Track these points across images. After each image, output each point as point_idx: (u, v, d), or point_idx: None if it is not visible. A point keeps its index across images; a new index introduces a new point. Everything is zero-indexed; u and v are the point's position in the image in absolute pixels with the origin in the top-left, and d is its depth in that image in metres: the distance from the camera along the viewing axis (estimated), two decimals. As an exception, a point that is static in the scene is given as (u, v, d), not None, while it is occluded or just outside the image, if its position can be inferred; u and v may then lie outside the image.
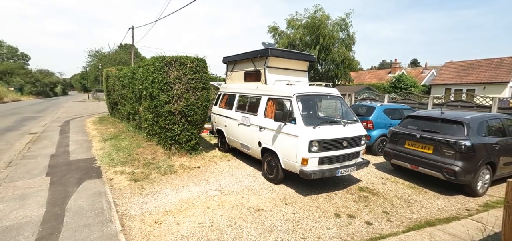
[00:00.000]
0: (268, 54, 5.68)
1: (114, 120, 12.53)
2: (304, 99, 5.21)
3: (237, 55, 6.89)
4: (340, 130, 4.81)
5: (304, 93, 5.07)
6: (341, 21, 19.91)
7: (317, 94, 5.42)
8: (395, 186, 5.30)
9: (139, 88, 7.46)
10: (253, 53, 6.16)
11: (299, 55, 6.25)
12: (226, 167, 6.02)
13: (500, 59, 22.84)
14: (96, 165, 5.65)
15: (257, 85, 6.05)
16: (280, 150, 4.91)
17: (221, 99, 7.56)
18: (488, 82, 21.54)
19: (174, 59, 6.08)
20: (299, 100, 4.89)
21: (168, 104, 6.05)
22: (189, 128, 6.39)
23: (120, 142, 7.65)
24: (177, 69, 6.09)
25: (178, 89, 6.10)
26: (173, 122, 6.19)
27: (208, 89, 6.66)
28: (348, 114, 5.59)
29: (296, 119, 4.64)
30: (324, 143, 4.49)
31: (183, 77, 6.13)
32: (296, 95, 4.91)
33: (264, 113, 5.53)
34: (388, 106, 8.33)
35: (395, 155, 5.82)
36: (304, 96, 5.08)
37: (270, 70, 5.91)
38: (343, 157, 4.79)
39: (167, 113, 6.08)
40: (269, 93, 5.56)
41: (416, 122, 5.77)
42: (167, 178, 5.12)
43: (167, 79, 6.00)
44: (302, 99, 5.05)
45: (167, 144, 6.41)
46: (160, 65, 5.99)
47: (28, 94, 41.61)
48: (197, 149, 6.76)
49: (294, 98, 4.87)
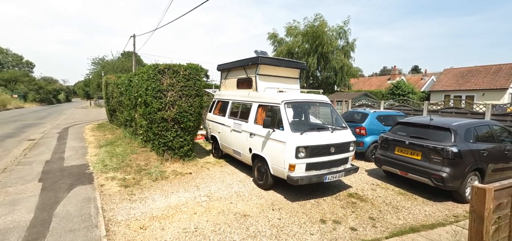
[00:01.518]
0: (259, 62, 5.80)
1: (112, 126, 12.67)
2: (293, 105, 5.29)
3: (230, 63, 7.02)
4: (328, 136, 4.87)
5: (292, 100, 5.15)
6: (340, 29, 20.13)
7: (306, 101, 5.50)
8: (384, 192, 5.31)
9: (135, 95, 7.59)
10: (245, 61, 6.28)
11: (290, 63, 6.36)
12: (218, 173, 6.07)
13: (499, 65, 22.86)
14: (88, 171, 5.74)
15: (249, 92, 6.15)
16: (269, 156, 4.97)
17: (215, 106, 7.67)
18: (487, 88, 21.52)
19: (167, 67, 6.21)
20: (287, 107, 4.97)
21: (161, 110, 6.16)
22: (182, 134, 6.48)
23: (115, 148, 7.74)
24: (170, 76, 6.21)
25: (171, 96, 6.21)
26: (166, 129, 6.28)
27: (201, 96, 6.77)
28: (337, 121, 5.65)
29: (284, 126, 4.71)
30: (311, 149, 4.54)
31: (176, 84, 6.25)
32: (284, 102, 4.99)
33: (254, 119, 5.61)
34: (381, 112, 8.38)
35: (386, 161, 5.84)
36: (292, 102, 5.16)
37: (261, 78, 6.02)
38: (330, 163, 4.83)
39: (160, 119, 6.18)
40: (260, 100, 5.65)
41: (406, 128, 5.81)
42: (158, 184, 5.18)
43: (160, 86, 6.12)
44: (291, 105, 5.13)
45: (160, 151, 6.50)
46: (154, 73, 6.12)
47: (32, 101, 42.14)
48: (190, 155, 6.83)
49: (282, 105, 4.95)
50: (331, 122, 5.83)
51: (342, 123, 5.49)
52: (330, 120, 6.11)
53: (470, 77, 23.80)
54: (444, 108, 9.80)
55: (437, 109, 10.07)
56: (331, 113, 5.80)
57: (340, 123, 5.49)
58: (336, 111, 5.78)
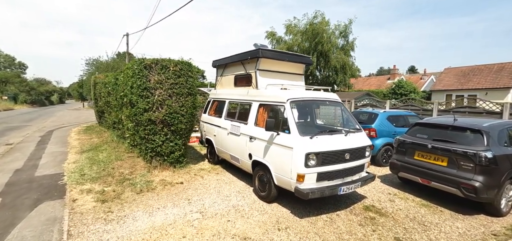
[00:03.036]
0: (260, 55, 5.08)
1: (101, 129, 11.84)
2: (300, 105, 4.58)
3: (227, 58, 6.29)
4: (342, 140, 4.16)
5: (299, 98, 4.44)
6: (342, 27, 19.52)
7: (315, 99, 4.78)
8: (405, 204, 4.62)
9: (121, 94, 6.82)
10: (243, 54, 5.55)
11: (294, 57, 5.65)
12: (213, 183, 5.33)
13: (501, 64, 22.44)
14: (62, 182, 4.95)
15: (248, 90, 5.42)
16: (272, 163, 4.24)
17: (211, 106, 6.93)
18: (490, 87, 21.07)
19: (155, 62, 5.46)
20: (293, 106, 4.25)
21: (148, 111, 5.40)
22: (172, 138, 5.73)
23: (98, 154, 6.95)
24: (159, 73, 5.46)
25: (159, 95, 5.46)
26: (153, 132, 5.52)
27: (194, 95, 6.03)
28: (349, 122, 4.95)
29: (290, 128, 3.99)
30: (323, 156, 3.83)
31: (165, 81, 5.50)
32: (290, 101, 4.28)
33: (255, 121, 4.88)
34: (392, 112, 7.70)
35: (403, 167, 5.15)
36: (299, 101, 4.44)
37: (261, 73, 5.30)
38: (345, 171, 4.12)
39: (146, 121, 5.42)
40: (261, 98, 4.93)
41: (426, 130, 5.13)
42: (142, 197, 4.42)
43: (146, 84, 5.36)
44: (298, 105, 4.41)
45: (148, 157, 5.73)
46: (139, 69, 5.37)
47: (22, 103, 40.90)
48: (182, 162, 6.07)
49: (288, 103, 4.23)
50: (342, 124, 5.13)
51: (355, 124, 4.79)
52: (340, 121, 5.41)
53: (471, 76, 23.35)
54: (456, 107, 9.17)
55: (448, 108, 9.44)
56: (342, 113, 5.10)
57: (354, 124, 4.78)
58: (347, 111, 5.08)
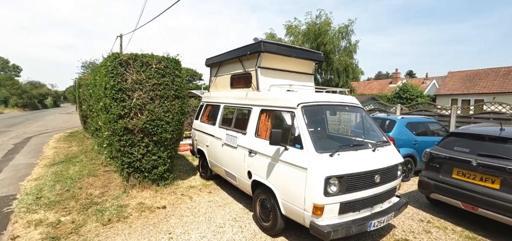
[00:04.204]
0: (261, 49, 4.12)
1: (85, 135, 10.80)
2: (314, 111, 3.61)
3: (222, 55, 5.32)
4: (370, 157, 3.18)
5: (313, 102, 3.46)
6: (343, 29, 18.65)
7: (332, 104, 3.79)
8: (445, 237, 3.64)
9: (97, 97, 5.81)
10: (242, 50, 4.59)
11: (303, 53, 4.70)
12: (204, 206, 4.32)
13: (508, 68, 21.74)
14: (9, 209, 3.91)
15: (247, 92, 4.45)
16: (278, 187, 3.26)
17: (203, 111, 5.94)
18: (498, 92, 20.29)
19: (132, 57, 4.47)
20: (306, 113, 3.28)
21: (124, 118, 4.39)
22: (155, 150, 4.72)
23: (70, 167, 5.91)
24: (138, 71, 4.47)
25: (138, 98, 4.46)
26: (131, 144, 4.51)
27: (182, 97, 5.04)
28: (373, 132, 3.99)
29: (304, 142, 3.01)
30: (349, 180, 2.85)
31: (146, 81, 4.51)
32: (302, 106, 3.30)
33: (255, 130, 3.90)
34: (412, 119, 6.76)
35: (438, 187, 4.19)
36: (313, 107, 3.46)
37: (263, 72, 4.33)
38: (374, 199, 3.14)
39: (122, 130, 4.41)
40: (263, 102, 3.95)
41: (466, 142, 4.17)
42: (109, 231, 3.39)
43: (122, 84, 4.36)
44: (311, 111, 3.44)
45: (124, 173, 4.70)
46: (112, 66, 4.37)
47: (13, 106, 39.60)
48: (168, 178, 5.05)
49: (299, 109, 3.26)
50: (363, 134, 4.16)
51: (382, 135, 3.82)
52: (360, 130, 4.45)
53: (477, 80, 22.61)
54: (477, 113, 8.24)
55: (468, 114, 8.52)
56: (364, 121, 4.13)
57: (379, 135, 3.81)
58: (369, 118, 4.11)
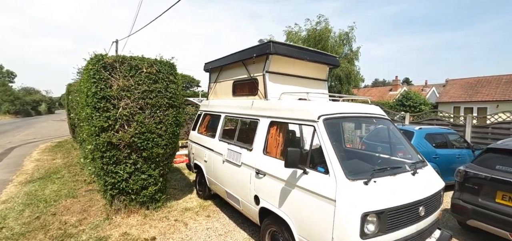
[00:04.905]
0: (270, 51, 3.51)
1: (73, 146, 10.05)
2: (338, 124, 2.99)
3: (223, 58, 4.71)
4: (411, 184, 2.55)
5: (336, 114, 2.83)
6: (344, 35, 18.28)
7: (357, 115, 3.16)
8: (495, 277, 2.99)
9: (81, 105, 5.13)
10: (247, 52, 3.99)
11: (317, 55, 4.10)
12: (201, 236, 3.63)
13: (510, 76, 21.50)
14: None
15: (253, 100, 3.82)
16: (295, 220, 2.60)
17: (201, 121, 5.30)
18: (501, 99, 19.95)
19: (119, 60, 3.83)
20: (329, 127, 2.64)
21: (107, 131, 3.72)
22: (144, 168, 4.04)
23: (47, 185, 5.18)
24: (125, 75, 3.83)
25: (125, 107, 3.81)
26: (116, 161, 3.83)
27: (177, 107, 4.40)
28: (403, 147, 3.37)
29: (329, 164, 2.37)
30: (391, 216, 2.21)
31: (135, 88, 3.87)
32: (324, 118, 2.67)
33: (264, 147, 3.26)
34: (431, 129, 6.16)
35: (477, 213, 3.56)
36: (337, 119, 2.83)
37: (272, 78, 3.72)
38: (419, 237, 2.49)
39: (104, 146, 3.73)
40: (273, 113, 3.32)
41: (509, 159, 3.57)
42: (81, 275, 2.70)
43: (106, 91, 3.71)
44: (335, 124, 2.81)
45: (107, 196, 4.00)
46: (95, 69, 3.71)
47: (5, 113, 38.55)
48: (159, 200, 4.36)
49: (321, 123, 2.63)
50: (389, 149, 3.54)
51: (415, 153, 3.19)
52: (378, 143, 3.83)
53: (479, 87, 22.32)
54: (495, 123, 7.69)
55: (484, 124, 7.97)
56: (390, 135, 3.51)
57: (413, 153, 3.19)
58: (397, 131, 3.49)
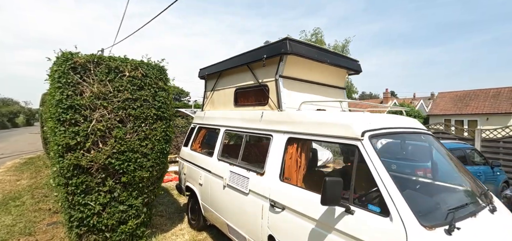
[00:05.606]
0: (287, 50, 2.82)
1: (45, 163, 8.87)
2: (388, 143, 2.28)
3: (223, 62, 3.99)
4: (495, 226, 1.87)
5: (384, 129, 2.13)
6: (340, 48, 18.20)
7: (405, 130, 2.47)
8: None
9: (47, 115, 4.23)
10: (254, 53, 3.29)
11: (338, 59, 3.45)
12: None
13: (497, 89, 22.05)
14: None
15: (262, 111, 3.10)
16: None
17: (195, 136, 4.50)
18: (491, 113, 20.28)
19: (93, 60, 3.02)
20: (378, 148, 1.94)
21: (75, 151, 2.86)
22: (123, 197, 3.17)
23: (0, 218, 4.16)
24: (101, 79, 3.02)
25: (101, 120, 2.97)
26: (85, 189, 2.95)
27: (168, 119, 3.60)
28: (453, 172, 2.70)
29: (389, 202, 1.65)
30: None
31: (114, 96, 3.05)
32: (371, 135, 1.97)
33: (280, 171, 2.52)
34: (449, 145, 5.62)
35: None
36: (385, 136, 2.14)
37: (287, 84, 3.02)
38: None
39: (70, 170, 2.86)
40: (291, 128, 2.60)
41: None
42: None
43: (74, 99, 2.87)
44: (384, 144, 2.12)
45: (73, 236, 3.06)
46: (61, 71, 2.88)
47: (-23, 125, 35.87)
48: (142, 236, 3.46)
49: (367, 141, 1.92)
50: (434, 173, 2.88)
51: (473, 178, 2.53)
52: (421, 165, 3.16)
53: (468, 100, 22.71)
54: (506, 137, 7.32)
55: (495, 138, 7.58)
56: (435, 154, 2.86)
57: (471, 178, 2.53)
58: (445, 149, 2.83)
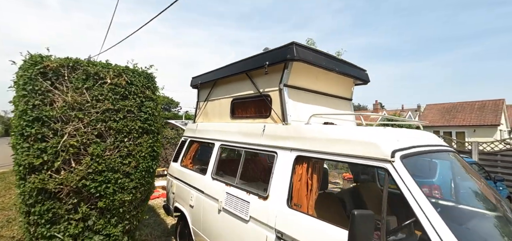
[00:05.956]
0: (294, 56, 2.49)
1: (18, 179, 8.07)
2: (421, 165, 1.95)
3: (218, 71, 3.63)
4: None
5: (416, 148, 1.80)
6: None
7: (435, 148, 2.14)
8: None
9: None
10: (254, 60, 2.95)
11: (346, 67, 3.16)
12: None
13: (482, 102, 22.75)
14: None
15: (264, 125, 2.73)
16: None
17: (186, 151, 4.06)
18: (477, 124, 20.79)
19: (68, 65, 2.58)
20: (411, 169, 1.60)
21: (41, 172, 2.38)
22: (100, 225, 2.68)
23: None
24: (77, 87, 2.58)
25: (74, 134, 2.52)
26: (52, 219, 2.45)
27: (155, 133, 3.17)
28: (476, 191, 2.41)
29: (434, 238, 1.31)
30: None
31: (92, 106, 2.61)
32: (402, 155, 1.64)
33: (288, 195, 2.14)
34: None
35: None
36: (418, 156, 1.81)
37: (293, 94, 2.69)
38: None
39: (32, 194, 2.37)
40: (301, 144, 2.24)
41: None
42: None
43: (42, 109, 2.41)
44: (418, 165, 1.79)
45: (35, 274, 2.54)
46: (27, 77, 2.42)
47: (-52, 136, 33.62)
48: (123, 271, 2.95)
49: (399, 163, 1.58)
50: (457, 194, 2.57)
51: (499, 196, 2.24)
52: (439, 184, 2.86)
53: (455, 112, 23.28)
54: (504, 150, 7.25)
55: (491, 151, 7.50)
56: (459, 173, 2.55)
57: (502, 199, 2.23)
58: (472, 168, 2.53)
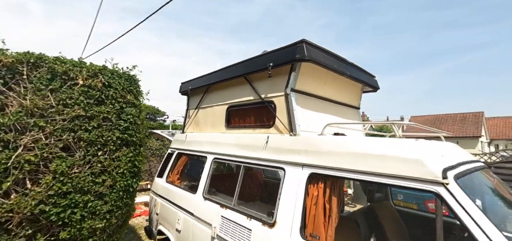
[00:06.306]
0: (304, 55, 2.14)
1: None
2: (476, 185, 1.60)
3: (212, 75, 3.22)
4: None
5: (462, 164, 1.48)
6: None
7: (481, 165, 1.83)
8: None
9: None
10: (256, 61, 2.58)
11: (357, 71, 2.84)
12: None
13: (463, 114, 23.62)
14: None
15: (267, 135, 2.33)
16: None
17: (173, 165, 3.57)
18: (460, 136, 21.43)
19: (28, 61, 2.09)
20: (468, 192, 1.26)
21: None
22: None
23: None
24: (39, 88, 2.09)
25: (32, 146, 2.00)
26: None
27: (137, 145, 2.69)
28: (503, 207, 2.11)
29: None
30: None
31: (58, 112, 2.12)
32: (456, 175, 1.29)
33: (301, 222, 1.74)
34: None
35: None
36: (470, 173, 1.48)
37: (300, 100, 2.32)
38: None
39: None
40: (316, 160, 1.86)
41: None
42: None
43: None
44: (474, 187, 1.45)
45: None
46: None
47: None
48: None
49: (455, 186, 1.23)
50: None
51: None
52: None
53: (439, 124, 23.98)
54: (497, 162, 7.21)
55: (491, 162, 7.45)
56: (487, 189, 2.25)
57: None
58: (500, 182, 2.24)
